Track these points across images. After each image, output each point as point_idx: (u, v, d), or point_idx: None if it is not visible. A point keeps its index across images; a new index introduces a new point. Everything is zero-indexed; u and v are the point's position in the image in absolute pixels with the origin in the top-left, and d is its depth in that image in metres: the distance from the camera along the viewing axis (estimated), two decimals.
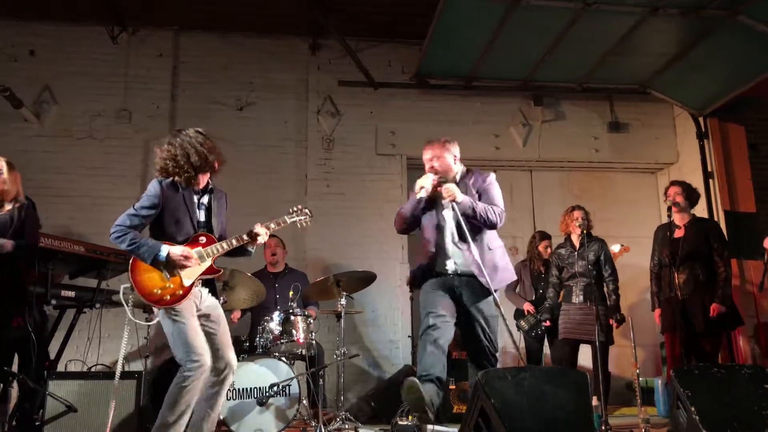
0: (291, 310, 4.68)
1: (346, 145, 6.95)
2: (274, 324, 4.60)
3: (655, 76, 6.68)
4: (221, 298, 4.63)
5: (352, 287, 5.05)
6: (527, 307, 5.76)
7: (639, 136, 7.37)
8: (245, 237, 3.50)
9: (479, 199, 3.83)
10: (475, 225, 3.73)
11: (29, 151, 6.37)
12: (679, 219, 4.98)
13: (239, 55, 7.00)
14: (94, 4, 6.34)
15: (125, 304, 3.07)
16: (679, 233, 4.92)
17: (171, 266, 3.27)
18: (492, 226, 3.77)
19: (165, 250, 3.25)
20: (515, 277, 4.41)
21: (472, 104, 7.14)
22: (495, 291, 3.64)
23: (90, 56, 6.71)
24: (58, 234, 4.96)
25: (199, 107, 6.79)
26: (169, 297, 3.24)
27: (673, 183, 5.16)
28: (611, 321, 5.13)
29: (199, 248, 3.37)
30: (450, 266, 3.80)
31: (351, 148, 6.95)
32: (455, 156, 3.99)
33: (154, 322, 3.32)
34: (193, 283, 3.32)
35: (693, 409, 3.07)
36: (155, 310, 3.28)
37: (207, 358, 3.24)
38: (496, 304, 3.64)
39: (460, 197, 3.71)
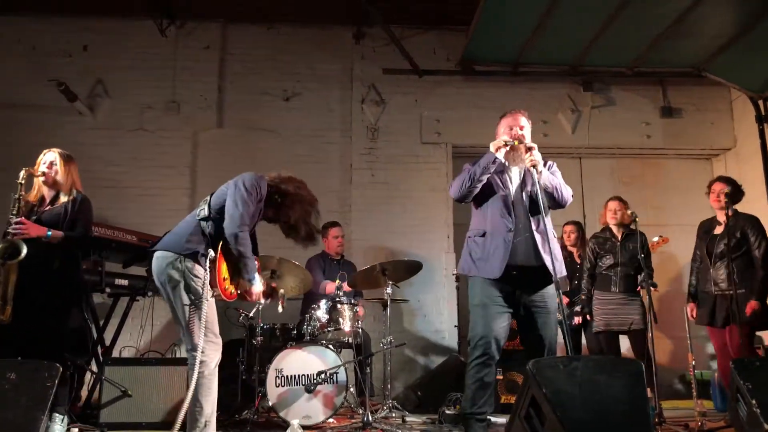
0: (338, 299, 4.69)
1: (390, 133, 6.93)
2: (321, 312, 4.62)
3: (711, 58, 6.42)
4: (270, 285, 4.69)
5: (398, 276, 5.04)
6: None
7: (693, 121, 7.13)
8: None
9: None
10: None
11: (84, 143, 6.54)
12: (721, 215, 4.82)
13: (285, 46, 7.04)
14: None
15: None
16: (718, 229, 4.79)
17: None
18: (563, 204, 3.58)
19: (257, 276, 3.31)
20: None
21: (519, 90, 7.01)
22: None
23: (140, 50, 6.85)
24: (112, 224, 5.10)
25: (246, 98, 6.87)
26: (233, 291, 3.34)
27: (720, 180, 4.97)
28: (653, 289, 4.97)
29: None
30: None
31: (395, 137, 6.92)
32: None
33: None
34: None
35: (754, 402, 2.95)
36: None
37: None
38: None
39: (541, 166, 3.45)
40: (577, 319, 5.34)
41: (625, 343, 5.25)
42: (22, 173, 3.84)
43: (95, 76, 6.74)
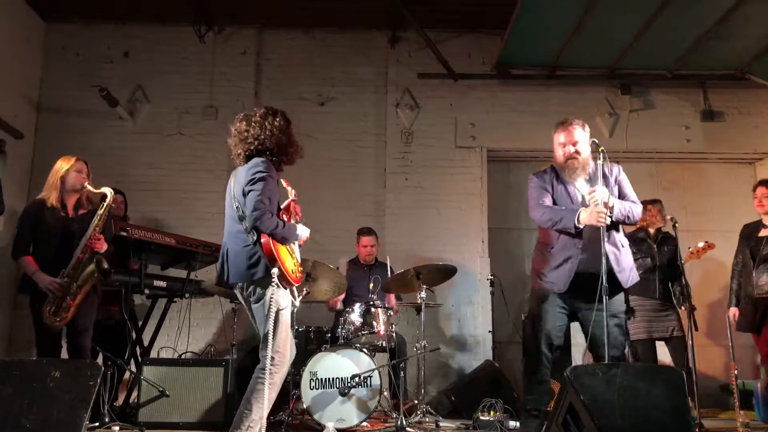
0: (372, 302, 4.70)
1: (425, 137, 6.91)
2: (355, 315, 4.63)
3: (754, 59, 6.27)
4: (304, 288, 4.72)
5: (432, 280, 5.02)
6: None
7: (736, 125, 6.96)
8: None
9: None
10: None
11: (124, 147, 6.70)
12: (767, 219, 4.76)
13: (320, 50, 7.09)
14: (182, 5, 6.56)
15: (276, 286, 3.08)
16: (764, 232, 4.71)
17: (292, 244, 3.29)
18: (635, 223, 3.66)
19: (299, 228, 3.27)
20: None
21: (556, 94, 6.94)
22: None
23: (179, 56, 6.97)
24: (150, 226, 5.21)
25: (281, 103, 6.81)
26: (299, 273, 3.28)
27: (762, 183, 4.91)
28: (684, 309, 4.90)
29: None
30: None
31: (430, 141, 6.91)
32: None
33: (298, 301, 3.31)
34: None
35: None
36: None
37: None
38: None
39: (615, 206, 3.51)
40: None
41: (661, 351, 5.15)
42: (110, 196, 3.94)
43: (135, 81, 6.88)
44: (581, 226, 3.47)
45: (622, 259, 3.58)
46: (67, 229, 3.93)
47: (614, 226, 3.62)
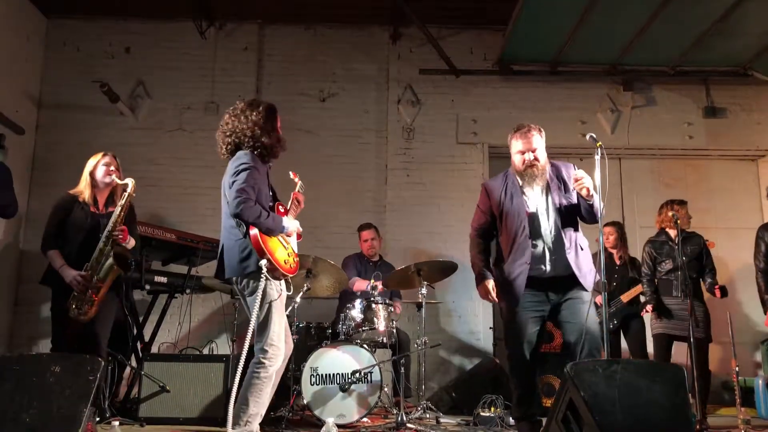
0: (372, 298, 4.69)
1: (426, 134, 6.90)
2: (356, 311, 4.63)
3: (757, 56, 6.25)
4: (305, 284, 4.72)
5: (433, 277, 5.01)
6: (597, 299, 5.49)
7: (738, 121, 6.94)
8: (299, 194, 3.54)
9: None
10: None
11: (125, 143, 6.67)
12: None
13: (322, 46, 7.08)
14: (183, 1, 6.55)
15: (266, 279, 3.05)
16: None
17: (284, 235, 3.28)
18: (598, 221, 3.56)
19: (286, 220, 3.26)
20: None
21: (558, 90, 6.93)
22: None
23: (180, 51, 6.96)
24: (151, 222, 5.20)
25: (283, 99, 6.88)
26: (294, 264, 3.26)
27: None
28: (717, 290, 4.88)
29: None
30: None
31: (431, 137, 6.90)
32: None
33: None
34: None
35: None
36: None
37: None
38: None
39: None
40: (649, 307, 5.11)
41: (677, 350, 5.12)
42: (131, 186, 3.91)
43: (136, 77, 6.87)
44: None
45: (582, 264, 3.56)
46: (93, 224, 3.89)
47: (573, 225, 3.61)
